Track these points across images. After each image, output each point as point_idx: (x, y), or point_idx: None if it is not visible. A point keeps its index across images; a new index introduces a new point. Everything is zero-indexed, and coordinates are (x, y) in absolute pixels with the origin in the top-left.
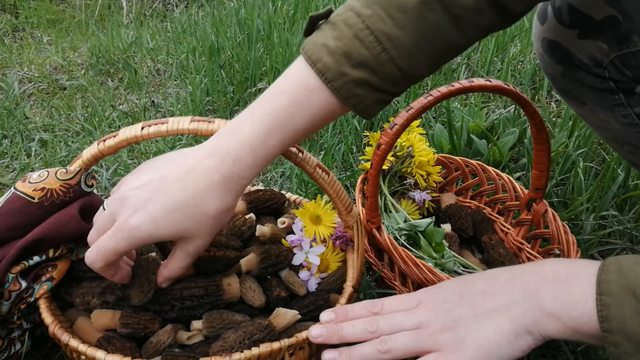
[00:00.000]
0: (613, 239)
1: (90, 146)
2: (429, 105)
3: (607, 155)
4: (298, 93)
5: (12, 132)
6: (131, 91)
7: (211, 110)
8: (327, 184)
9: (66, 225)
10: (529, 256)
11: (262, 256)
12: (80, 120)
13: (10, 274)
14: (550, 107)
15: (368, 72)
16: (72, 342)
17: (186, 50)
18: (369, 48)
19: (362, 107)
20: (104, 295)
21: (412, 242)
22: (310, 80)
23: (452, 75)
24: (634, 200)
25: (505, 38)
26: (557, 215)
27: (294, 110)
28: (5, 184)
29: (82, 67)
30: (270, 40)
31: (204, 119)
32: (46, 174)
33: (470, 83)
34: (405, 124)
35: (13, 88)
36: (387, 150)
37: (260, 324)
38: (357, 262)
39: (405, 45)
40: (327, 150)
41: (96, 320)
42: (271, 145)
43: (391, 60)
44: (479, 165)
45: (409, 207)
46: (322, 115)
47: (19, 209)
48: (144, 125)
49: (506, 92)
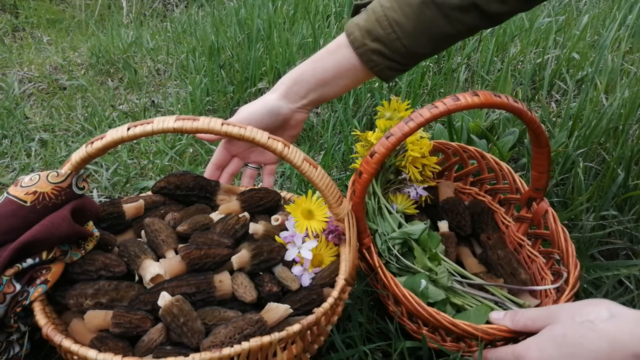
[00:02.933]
0: (613, 239)
1: (78, 149)
2: (410, 131)
3: (607, 155)
4: (331, 46)
5: (12, 132)
6: (131, 91)
7: (211, 110)
8: (315, 177)
9: (58, 227)
10: (529, 254)
11: (253, 252)
12: (80, 120)
13: (4, 277)
14: (550, 107)
15: (382, 45)
16: (64, 342)
17: (186, 50)
18: (384, 29)
19: (377, 70)
20: (97, 297)
21: (407, 249)
22: (343, 43)
23: (452, 75)
24: (634, 200)
25: (505, 38)
26: (557, 218)
27: (325, 54)
28: (5, 184)
29: (82, 67)
30: (270, 40)
31: (189, 117)
32: (37, 178)
33: (455, 102)
34: (385, 153)
35: (13, 88)
36: (369, 179)
37: (251, 319)
38: (350, 255)
39: (409, 30)
40: (327, 150)
41: (89, 321)
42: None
43: (398, 39)
44: (478, 152)
45: (405, 201)
46: (344, 64)
47: (12, 213)
48: (130, 126)
49: (497, 105)
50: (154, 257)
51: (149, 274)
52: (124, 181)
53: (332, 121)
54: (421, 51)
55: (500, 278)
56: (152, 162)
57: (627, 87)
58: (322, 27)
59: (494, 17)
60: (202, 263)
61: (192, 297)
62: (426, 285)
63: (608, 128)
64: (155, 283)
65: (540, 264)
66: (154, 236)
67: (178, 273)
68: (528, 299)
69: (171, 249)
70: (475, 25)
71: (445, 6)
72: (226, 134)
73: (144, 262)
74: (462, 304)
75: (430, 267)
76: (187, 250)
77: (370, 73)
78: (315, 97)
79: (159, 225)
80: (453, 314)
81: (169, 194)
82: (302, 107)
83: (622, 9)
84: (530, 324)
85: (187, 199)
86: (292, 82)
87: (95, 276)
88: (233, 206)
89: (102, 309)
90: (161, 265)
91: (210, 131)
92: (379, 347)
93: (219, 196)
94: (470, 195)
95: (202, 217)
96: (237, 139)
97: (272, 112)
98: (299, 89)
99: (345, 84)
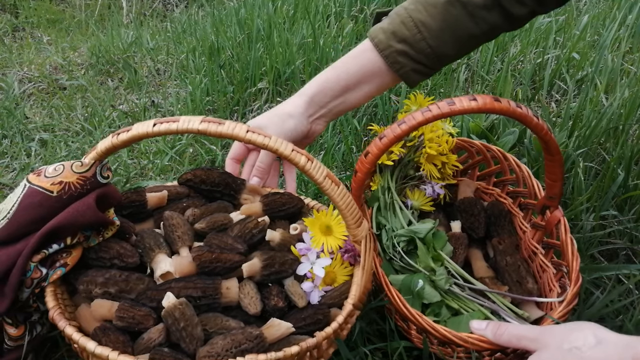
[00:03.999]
0: (613, 239)
1: (104, 139)
2: (402, 133)
3: (607, 155)
4: (355, 52)
5: (12, 132)
6: (131, 91)
7: (211, 110)
8: (337, 196)
9: (83, 215)
10: (542, 263)
11: (265, 263)
12: (80, 120)
13: (32, 263)
14: (550, 107)
15: (408, 46)
16: (67, 329)
17: (186, 50)
18: (410, 30)
19: (402, 73)
20: (106, 286)
21: (413, 247)
22: (367, 47)
23: (452, 75)
24: (634, 200)
25: (505, 38)
26: (568, 228)
27: (349, 59)
28: (5, 184)
29: (82, 67)
30: (270, 40)
31: (214, 120)
32: (62, 168)
33: (450, 107)
34: (378, 154)
35: (13, 88)
36: (364, 178)
37: (251, 334)
38: (363, 279)
39: (435, 30)
40: (327, 150)
41: (95, 310)
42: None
43: (424, 40)
44: (500, 153)
45: (422, 198)
46: (369, 68)
47: (39, 203)
48: (156, 122)
49: (497, 111)
50: (167, 252)
51: (160, 270)
52: (124, 181)
53: (332, 121)
54: (446, 52)
55: (506, 286)
56: (152, 162)
57: (627, 87)
58: (322, 27)
59: (515, 19)
60: (212, 267)
61: (197, 301)
62: (423, 285)
63: (608, 128)
64: (165, 279)
65: (550, 275)
66: (170, 231)
67: (188, 273)
68: (532, 310)
69: (186, 246)
70: (499, 26)
71: (470, 5)
72: (249, 141)
73: (157, 256)
74: (458, 307)
75: (432, 267)
76: (198, 252)
77: (395, 77)
78: (337, 105)
79: (177, 220)
80: (448, 317)
81: (194, 187)
82: (320, 118)
83: (622, 9)
84: (514, 342)
85: (211, 194)
86: (315, 90)
87: (108, 264)
88: (255, 208)
89: (110, 299)
90: (172, 262)
91: (234, 137)
92: (379, 348)
93: (243, 195)
94: (492, 196)
95: (222, 216)
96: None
97: (298, 128)
98: (322, 97)
99: (369, 90)
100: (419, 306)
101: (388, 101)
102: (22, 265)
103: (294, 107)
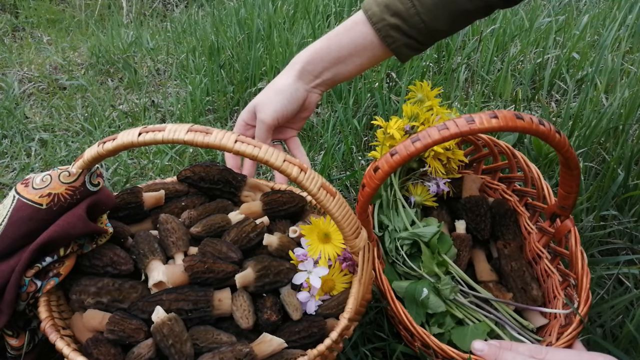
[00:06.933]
0: (613, 239)
1: (91, 147)
2: (416, 151)
3: (607, 155)
4: (348, 23)
5: (12, 132)
6: (131, 91)
7: (211, 110)
8: (332, 206)
9: (74, 227)
10: (546, 269)
11: (259, 273)
12: (80, 120)
13: (26, 278)
14: (550, 107)
15: (401, 20)
16: (58, 343)
17: (186, 50)
18: (403, 4)
19: (394, 47)
20: (99, 295)
21: (417, 250)
22: (360, 20)
23: (452, 75)
24: (634, 200)
25: (505, 38)
26: (579, 240)
27: (341, 31)
28: (5, 184)
29: (82, 67)
30: (270, 40)
31: (201, 129)
32: (49, 179)
33: (469, 125)
34: (389, 171)
35: (13, 88)
36: (371, 193)
37: (240, 351)
38: (360, 292)
39: (428, 4)
40: (327, 150)
41: (87, 321)
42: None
43: (417, 14)
44: (509, 149)
45: (425, 194)
46: (361, 41)
47: (29, 217)
48: (141, 131)
49: (520, 129)
50: (162, 259)
51: (152, 280)
52: (124, 181)
53: (332, 121)
54: (439, 27)
55: (510, 293)
56: (152, 162)
57: (627, 87)
58: (322, 27)
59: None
60: (205, 278)
61: (188, 314)
62: (427, 294)
63: (608, 128)
64: (158, 288)
65: (555, 282)
66: (165, 236)
67: (180, 283)
68: (535, 318)
69: (181, 252)
70: (493, 2)
71: None
72: (238, 152)
73: (151, 263)
74: (463, 317)
75: (436, 273)
76: (191, 262)
77: (387, 51)
78: (330, 77)
79: (173, 224)
80: (452, 326)
81: (193, 184)
82: (316, 87)
83: (622, 9)
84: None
85: (210, 192)
86: (306, 60)
87: (101, 271)
88: (255, 207)
89: (103, 308)
90: (166, 271)
91: (221, 148)
92: (378, 349)
93: (243, 192)
94: (497, 191)
95: (219, 218)
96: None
97: (292, 99)
98: (313, 67)
99: (361, 63)
100: (423, 315)
101: (388, 101)
102: (17, 280)
103: (288, 79)
